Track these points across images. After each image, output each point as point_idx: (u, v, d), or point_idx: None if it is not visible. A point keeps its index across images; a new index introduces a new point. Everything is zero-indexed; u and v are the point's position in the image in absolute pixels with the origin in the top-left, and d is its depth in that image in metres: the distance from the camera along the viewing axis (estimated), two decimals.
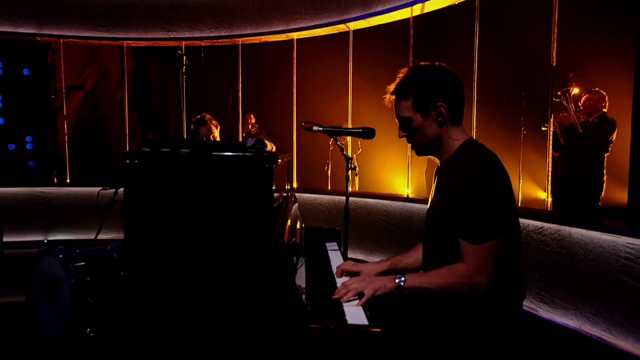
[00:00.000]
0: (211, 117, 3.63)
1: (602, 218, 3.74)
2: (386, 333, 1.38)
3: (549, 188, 3.88)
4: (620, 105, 4.06)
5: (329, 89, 5.68)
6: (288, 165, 2.55)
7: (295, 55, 5.65)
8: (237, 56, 5.90)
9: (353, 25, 5.19)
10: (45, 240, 5.66)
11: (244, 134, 5.94)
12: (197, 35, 5.87)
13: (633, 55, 3.01)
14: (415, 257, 1.84)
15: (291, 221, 1.88)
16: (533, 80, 4.76)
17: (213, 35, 5.84)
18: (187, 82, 3.34)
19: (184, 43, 5.90)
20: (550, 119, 3.82)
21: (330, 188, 5.40)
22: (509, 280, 1.56)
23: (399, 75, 1.65)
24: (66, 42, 5.93)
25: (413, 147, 1.69)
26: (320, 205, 5.20)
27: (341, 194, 5.02)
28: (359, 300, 1.52)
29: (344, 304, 1.51)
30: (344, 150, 2.43)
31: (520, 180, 4.91)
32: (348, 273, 1.81)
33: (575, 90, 4.27)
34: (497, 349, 1.51)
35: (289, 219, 1.83)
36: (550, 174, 3.81)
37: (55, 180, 5.90)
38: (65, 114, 5.93)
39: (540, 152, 4.53)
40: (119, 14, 5.85)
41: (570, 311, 3.12)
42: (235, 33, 5.76)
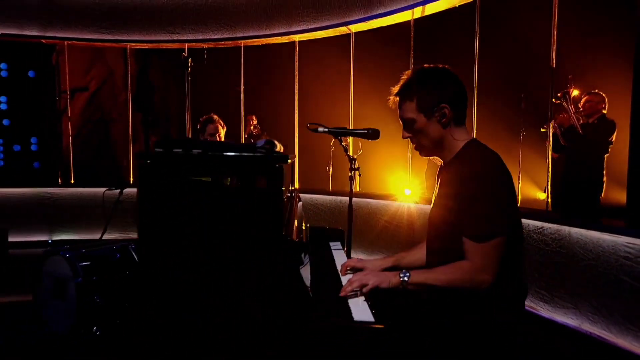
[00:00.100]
0: (219, 118, 3.68)
1: (602, 218, 3.76)
2: (391, 329, 1.39)
3: (549, 189, 3.91)
4: (619, 107, 4.09)
5: (330, 90, 5.70)
6: (292, 166, 2.57)
7: (297, 57, 5.68)
8: (240, 58, 5.94)
9: (354, 28, 5.22)
10: (49, 240, 5.68)
11: (246, 135, 5.95)
12: (200, 37, 5.89)
13: (632, 57, 3.02)
14: (418, 255, 1.85)
15: (297, 221, 1.91)
16: (533, 82, 4.80)
17: (216, 37, 5.86)
18: (190, 84, 3.38)
19: (187, 45, 5.93)
20: (550, 121, 3.84)
21: (331, 189, 5.42)
22: (511, 280, 1.56)
23: (402, 77, 1.66)
24: (70, 44, 5.96)
25: (417, 148, 1.71)
26: (322, 205, 5.22)
27: (342, 194, 5.04)
28: (362, 295, 1.55)
29: (350, 302, 1.53)
30: (348, 151, 2.45)
31: (520, 180, 4.93)
32: (353, 269, 1.84)
33: (575, 92, 4.30)
34: (499, 348, 1.52)
35: (295, 218, 1.86)
36: (550, 175, 3.83)
37: (59, 180, 5.93)
38: (69, 115, 5.95)
39: (540, 153, 4.57)
40: (122, 17, 5.88)
41: (570, 310, 3.14)
42: (238, 35, 5.79)
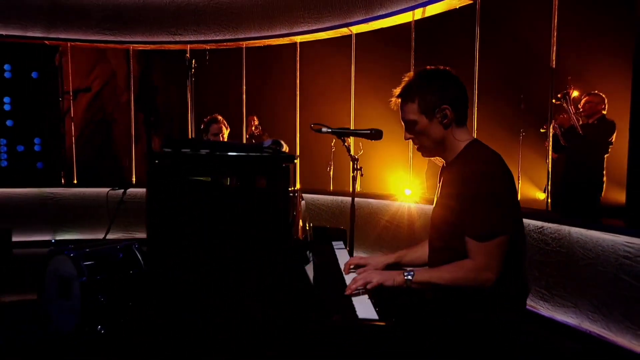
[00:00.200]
0: (223, 119, 3.73)
1: (602, 218, 3.77)
2: (395, 327, 1.40)
3: (549, 188, 3.93)
4: (619, 107, 4.11)
5: (331, 91, 5.72)
6: (294, 166, 2.60)
7: (298, 58, 5.71)
8: (242, 59, 5.97)
9: (355, 29, 5.24)
10: (53, 240, 5.71)
11: (247, 136, 5.98)
12: (202, 38, 5.92)
13: (632, 58, 3.03)
14: (421, 252, 1.87)
15: (302, 220, 1.94)
16: (532, 82, 4.82)
17: (218, 38, 5.89)
18: (192, 85, 3.41)
19: (189, 46, 5.96)
20: (550, 121, 3.86)
21: (332, 189, 5.44)
22: (514, 279, 1.58)
23: (404, 79, 1.68)
24: (73, 46, 5.99)
25: (419, 149, 1.72)
26: (323, 205, 5.24)
27: (343, 194, 5.06)
28: (366, 292, 1.56)
29: (354, 300, 1.54)
30: (350, 151, 2.47)
31: (520, 181, 4.95)
32: (356, 266, 1.87)
33: (575, 93, 4.33)
34: (501, 347, 1.53)
35: (300, 217, 1.89)
36: (550, 175, 3.86)
37: (62, 181, 5.95)
38: (72, 115, 5.96)
39: (540, 153, 4.59)
40: (125, 18, 5.91)
41: (570, 309, 3.15)
42: (240, 36, 5.82)
